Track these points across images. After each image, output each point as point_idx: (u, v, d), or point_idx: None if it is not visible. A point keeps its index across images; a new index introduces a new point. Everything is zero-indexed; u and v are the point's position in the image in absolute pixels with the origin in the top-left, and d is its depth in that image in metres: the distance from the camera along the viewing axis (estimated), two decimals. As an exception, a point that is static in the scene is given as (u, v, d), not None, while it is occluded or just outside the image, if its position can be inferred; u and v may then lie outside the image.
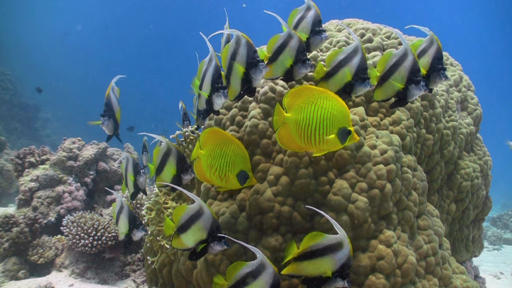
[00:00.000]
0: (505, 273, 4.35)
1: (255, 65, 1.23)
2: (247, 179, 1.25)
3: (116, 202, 1.59)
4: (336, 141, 1.15)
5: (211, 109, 1.33)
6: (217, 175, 1.28)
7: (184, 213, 1.22)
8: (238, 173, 1.25)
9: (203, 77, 1.33)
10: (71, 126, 12.57)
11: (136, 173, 1.62)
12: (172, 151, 1.45)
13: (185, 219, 1.22)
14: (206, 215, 1.19)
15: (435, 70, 1.30)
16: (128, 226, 1.52)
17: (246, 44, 1.24)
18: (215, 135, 1.31)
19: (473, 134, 2.06)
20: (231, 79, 1.29)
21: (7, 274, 2.76)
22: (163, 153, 1.47)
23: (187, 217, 1.21)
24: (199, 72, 1.37)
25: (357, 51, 1.26)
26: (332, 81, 1.31)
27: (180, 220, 1.23)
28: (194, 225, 1.20)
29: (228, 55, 1.28)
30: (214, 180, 1.31)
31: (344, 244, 1.08)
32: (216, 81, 1.28)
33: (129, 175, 1.64)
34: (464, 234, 2.01)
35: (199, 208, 1.20)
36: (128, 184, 1.66)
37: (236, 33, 1.26)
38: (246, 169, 1.25)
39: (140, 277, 2.90)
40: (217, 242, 1.19)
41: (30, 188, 3.37)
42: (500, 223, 6.99)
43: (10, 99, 9.33)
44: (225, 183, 1.28)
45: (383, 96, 1.32)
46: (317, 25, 1.40)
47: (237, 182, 1.26)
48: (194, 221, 1.20)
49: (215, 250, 1.21)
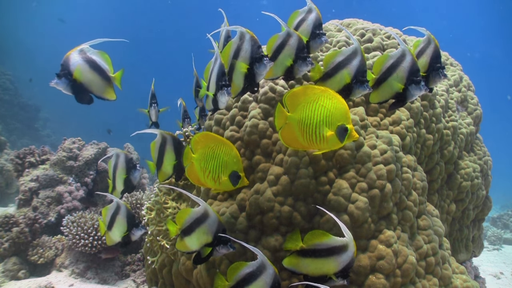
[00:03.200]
0: (505, 273, 4.35)
1: (259, 60, 1.23)
2: (239, 179, 1.25)
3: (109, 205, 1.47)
4: (335, 139, 1.15)
5: (216, 108, 1.33)
6: (211, 177, 1.28)
7: (189, 216, 1.22)
8: (230, 174, 1.25)
9: (210, 77, 1.33)
10: (71, 126, 12.58)
11: (129, 169, 1.54)
12: (167, 139, 1.43)
13: (190, 222, 1.22)
14: (212, 219, 1.19)
15: (434, 70, 1.31)
16: (127, 226, 1.45)
17: (250, 39, 1.24)
18: (206, 138, 1.31)
19: (473, 134, 2.06)
20: (233, 76, 1.30)
21: (7, 274, 2.76)
22: (159, 144, 1.44)
23: (191, 220, 1.21)
24: (206, 72, 1.38)
25: (356, 53, 1.26)
26: (330, 82, 1.31)
27: (184, 223, 1.23)
28: (199, 229, 1.20)
29: (231, 52, 1.28)
30: (208, 183, 1.31)
31: (349, 246, 1.08)
32: (220, 80, 1.28)
33: (118, 173, 1.54)
34: (464, 234, 2.01)
35: (204, 211, 1.20)
36: (116, 183, 1.56)
37: (240, 29, 1.26)
38: (238, 170, 1.25)
39: (140, 277, 2.90)
40: (223, 245, 1.19)
41: (30, 188, 3.37)
42: (500, 223, 6.99)
43: (10, 99, 9.33)
44: (219, 185, 1.29)
45: (380, 98, 1.31)
46: (317, 28, 1.40)
47: (229, 183, 1.26)
48: (199, 225, 1.20)
49: (220, 254, 1.22)
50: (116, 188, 1.58)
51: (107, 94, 1.30)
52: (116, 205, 1.45)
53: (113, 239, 1.47)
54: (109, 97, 1.31)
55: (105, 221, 1.47)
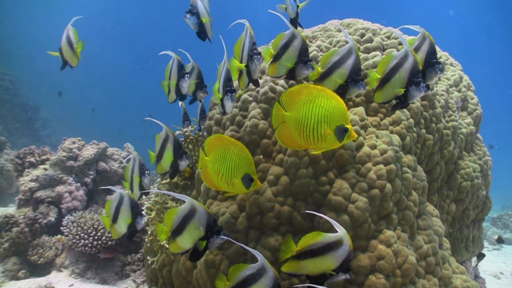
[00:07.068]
0: (505, 273, 4.35)
1: (251, 57, 1.30)
2: (252, 182, 1.24)
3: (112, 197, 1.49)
4: (334, 138, 1.16)
5: (224, 112, 1.42)
6: (224, 180, 1.27)
7: (176, 215, 1.19)
8: (243, 176, 1.24)
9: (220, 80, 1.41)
10: (71, 126, 12.58)
11: (142, 174, 1.61)
12: (169, 137, 1.48)
13: (178, 221, 1.19)
14: (200, 212, 1.16)
15: (430, 65, 1.31)
16: (131, 214, 1.43)
17: (249, 35, 1.33)
18: (219, 140, 1.31)
19: (473, 134, 2.06)
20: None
21: (7, 274, 2.76)
22: (162, 139, 1.49)
23: (179, 219, 1.18)
24: (218, 75, 1.44)
25: (351, 52, 1.27)
26: (326, 82, 1.32)
27: (173, 223, 1.20)
28: (189, 225, 1.17)
29: (241, 46, 1.37)
30: (222, 186, 1.30)
31: (344, 240, 1.08)
32: (226, 85, 1.35)
33: (135, 177, 1.62)
34: (464, 234, 2.01)
35: (191, 207, 1.17)
36: (133, 186, 1.64)
37: (246, 24, 1.33)
38: (251, 172, 1.24)
39: (140, 277, 2.90)
40: (216, 236, 1.17)
41: (30, 188, 3.37)
42: (500, 223, 6.99)
43: (10, 99, 9.33)
44: (232, 188, 1.28)
45: (384, 98, 1.32)
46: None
47: (243, 186, 1.25)
48: (189, 221, 1.17)
49: (215, 245, 1.19)
50: (133, 191, 1.64)
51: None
52: (120, 195, 1.45)
53: (119, 232, 1.46)
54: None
55: (109, 214, 1.47)
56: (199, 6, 1.58)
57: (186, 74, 1.64)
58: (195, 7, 1.58)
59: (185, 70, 1.68)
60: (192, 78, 1.70)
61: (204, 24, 1.59)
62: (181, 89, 1.64)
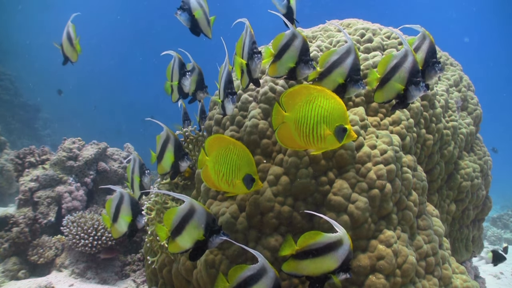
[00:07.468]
0: (505, 273, 4.35)
1: (251, 56, 1.29)
2: (253, 182, 1.24)
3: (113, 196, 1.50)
4: (333, 138, 1.16)
5: (224, 114, 1.42)
6: (224, 180, 1.27)
7: (175, 215, 1.19)
8: (244, 177, 1.23)
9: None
10: (71, 126, 12.57)
11: (142, 174, 1.61)
12: (171, 138, 1.48)
13: (178, 221, 1.18)
14: (199, 212, 1.16)
15: (429, 65, 1.31)
16: (132, 213, 1.43)
17: (249, 34, 1.32)
18: (219, 140, 1.31)
19: (473, 134, 2.06)
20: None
21: (7, 274, 2.76)
22: (163, 140, 1.49)
23: (179, 219, 1.18)
24: (219, 77, 1.44)
25: (350, 51, 1.26)
26: (325, 81, 1.31)
27: (172, 223, 1.19)
28: (189, 225, 1.17)
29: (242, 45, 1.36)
30: (222, 186, 1.30)
31: (344, 240, 1.08)
32: (227, 87, 1.35)
33: (135, 177, 1.62)
34: (464, 234, 2.01)
35: (190, 206, 1.17)
36: (133, 186, 1.64)
37: (247, 23, 1.33)
38: (252, 172, 1.23)
39: (140, 277, 2.90)
40: (216, 235, 1.17)
41: (30, 188, 3.37)
42: (500, 223, 6.99)
43: (10, 99, 9.32)
44: (233, 188, 1.28)
45: (384, 98, 1.32)
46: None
47: (243, 186, 1.24)
48: (188, 221, 1.17)
49: (215, 244, 1.19)
50: (134, 191, 1.65)
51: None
52: (120, 194, 1.45)
53: (120, 230, 1.46)
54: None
55: (109, 213, 1.47)
56: (191, 0, 1.51)
57: (188, 72, 1.64)
58: (186, 3, 1.51)
59: (187, 68, 1.69)
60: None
61: (197, 19, 1.52)
62: (183, 87, 1.64)
